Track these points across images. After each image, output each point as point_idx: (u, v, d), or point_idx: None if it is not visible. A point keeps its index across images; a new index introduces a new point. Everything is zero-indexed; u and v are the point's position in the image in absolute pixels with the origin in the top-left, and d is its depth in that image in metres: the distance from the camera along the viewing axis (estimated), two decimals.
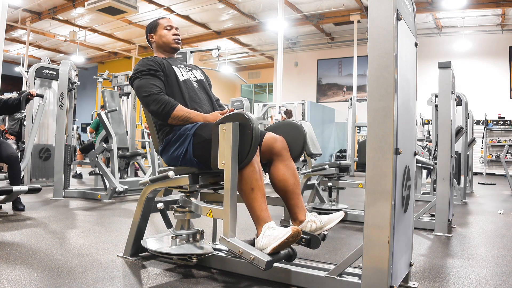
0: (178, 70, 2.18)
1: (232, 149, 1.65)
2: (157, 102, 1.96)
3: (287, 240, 1.59)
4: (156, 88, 2.00)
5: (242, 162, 1.69)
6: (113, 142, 4.57)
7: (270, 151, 1.88)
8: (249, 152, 1.68)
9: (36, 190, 3.24)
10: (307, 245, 1.79)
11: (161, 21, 2.28)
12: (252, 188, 1.71)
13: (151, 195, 2.05)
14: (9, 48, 14.81)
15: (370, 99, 1.46)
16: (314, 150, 4.10)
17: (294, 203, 1.87)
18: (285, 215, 1.98)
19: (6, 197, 3.21)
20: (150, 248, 1.93)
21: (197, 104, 2.09)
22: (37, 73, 5.62)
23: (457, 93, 4.61)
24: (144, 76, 2.04)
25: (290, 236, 1.59)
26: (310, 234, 1.80)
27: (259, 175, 1.72)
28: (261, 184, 1.72)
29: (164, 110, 1.95)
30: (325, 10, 11.13)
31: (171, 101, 1.97)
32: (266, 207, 1.72)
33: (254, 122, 1.68)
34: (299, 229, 1.65)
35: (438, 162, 2.98)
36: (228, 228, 1.66)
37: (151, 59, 2.12)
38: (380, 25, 1.45)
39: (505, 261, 2.27)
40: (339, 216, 1.87)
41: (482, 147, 11.62)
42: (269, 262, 1.57)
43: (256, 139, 1.68)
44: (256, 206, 1.70)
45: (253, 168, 1.71)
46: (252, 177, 1.71)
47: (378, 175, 1.43)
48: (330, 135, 12.97)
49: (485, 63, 11.88)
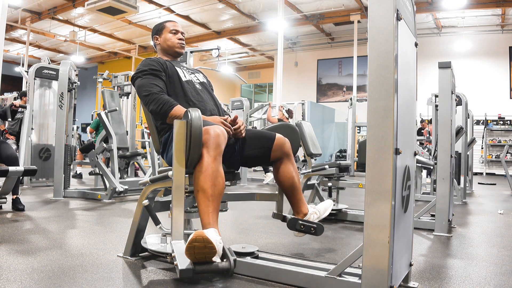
0: (181, 71, 2.18)
1: (175, 148, 1.64)
2: (156, 102, 1.96)
3: (190, 245, 1.47)
4: (156, 87, 2.01)
5: (187, 162, 1.66)
6: (113, 142, 4.57)
7: (282, 151, 2.04)
8: (190, 151, 1.64)
9: (32, 171, 3.26)
10: (315, 233, 2.02)
11: (167, 24, 2.28)
12: (197, 190, 1.66)
13: (151, 195, 2.05)
14: (9, 48, 14.81)
15: (370, 99, 1.46)
16: (314, 150, 4.10)
17: (299, 198, 2.09)
18: (277, 209, 2.14)
19: (4, 184, 3.20)
20: (150, 248, 1.93)
21: (201, 103, 2.09)
22: (37, 73, 5.63)
23: (457, 93, 4.61)
24: (146, 75, 2.05)
25: (192, 241, 1.47)
26: (316, 223, 2.03)
27: (207, 177, 1.64)
28: (206, 186, 1.64)
29: (162, 109, 1.95)
30: (325, 10, 11.14)
31: (170, 101, 1.97)
32: (210, 210, 1.63)
33: (194, 120, 1.64)
34: (202, 233, 1.50)
35: (438, 162, 2.98)
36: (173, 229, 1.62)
37: (154, 59, 2.13)
38: (380, 25, 1.45)
39: (505, 261, 2.27)
40: (330, 204, 2.20)
41: (482, 147, 11.62)
42: (184, 270, 1.48)
43: (195, 138, 1.63)
44: (199, 209, 1.65)
45: (199, 169, 1.67)
46: (197, 177, 1.67)
47: (378, 175, 1.43)
48: (330, 135, 12.97)
49: (485, 63, 11.89)
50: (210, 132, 1.70)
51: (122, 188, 4.29)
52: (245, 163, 2.16)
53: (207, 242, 1.48)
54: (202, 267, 1.51)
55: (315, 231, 2.01)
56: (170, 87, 2.08)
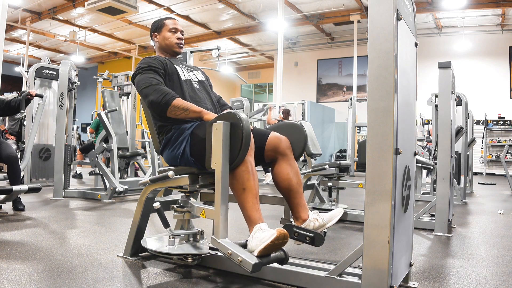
0: (180, 70, 2.18)
1: (223, 149, 1.65)
2: (157, 92, 1.94)
3: (272, 242, 1.56)
4: (156, 80, 2.00)
5: (234, 162, 1.68)
6: (113, 142, 4.57)
7: (275, 150, 1.93)
8: (240, 151, 1.66)
9: (36, 189, 3.23)
10: (311, 242, 1.81)
11: (166, 22, 2.25)
12: (243, 188, 1.69)
13: (151, 195, 2.05)
14: (9, 48, 14.81)
15: (370, 99, 1.46)
16: (314, 150, 4.10)
17: (297, 202, 1.91)
18: (285, 214, 1.99)
19: (6, 196, 3.21)
20: (150, 248, 1.93)
21: (198, 104, 2.09)
22: (37, 73, 5.62)
23: (457, 93, 4.61)
24: (145, 71, 2.04)
25: (276, 239, 1.55)
26: (313, 232, 1.82)
27: (251, 176, 1.70)
28: (252, 184, 1.70)
29: (163, 100, 1.92)
30: (325, 10, 11.13)
31: (172, 92, 1.96)
32: (258, 207, 1.69)
33: (244, 122, 1.67)
34: (285, 231, 1.59)
35: (438, 162, 2.98)
36: (219, 228, 1.65)
37: (154, 57, 2.13)
38: (380, 25, 1.45)
39: (505, 261, 2.27)
40: (339, 213, 1.93)
41: (482, 147, 11.61)
42: (255, 264, 1.54)
43: (246, 138, 1.66)
44: (247, 206, 1.69)
45: (245, 168, 1.70)
46: (243, 177, 1.69)
47: (378, 175, 1.43)
48: (330, 135, 12.97)
49: (485, 63, 11.88)
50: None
51: (122, 188, 4.29)
52: None
53: (286, 238, 1.59)
54: (267, 259, 1.61)
55: (312, 240, 1.81)
56: (169, 85, 2.07)
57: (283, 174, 1.91)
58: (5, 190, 3.05)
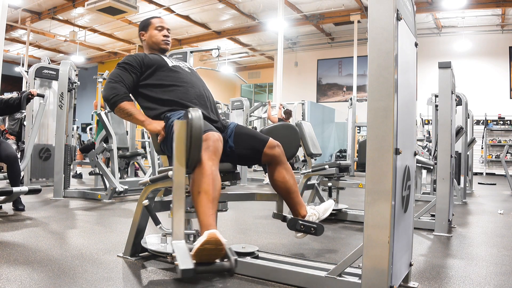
0: (168, 60, 2.22)
1: (176, 148, 1.62)
2: (111, 89, 2.01)
3: (202, 247, 1.46)
4: (119, 78, 2.05)
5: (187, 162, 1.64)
6: (113, 142, 4.57)
7: (272, 156, 2.05)
8: (189, 153, 1.62)
9: (36, 191, 3.24)
10: (315, 233, 2.03)
11: (153, 21, 2.30)
12: (198, 192, 1.64)
13: (151, 195, 2.05)
14: (9, 48, 14.81)
15: (370, 99, 1.46)
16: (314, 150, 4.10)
17: (296, 201, 2.08)
18: (277, 208, 2.13)
19: (6, 197, 3.21)
20: (150, 248, 1.93)
21: (188, 84, 2.12)
22: (37, 73, 5.62)
23: (457, 93, 4.61)
24: (119, 67, 2.10)
25: (205, 242, 1.46)
26: (315, 223, 2.04)
27: (208, 179, 1.64)
28: (208, 188, 1.63)
29: (113, 99, 2.00)
30: (325, 10, 11.13)
31: (124, 94, 2.01)
32: (211, 212, 1.62)
33: (194, 121, 1.61)
34: (217, 236, 1.49)
35: (438, 162, 2.98)
36: (173, 229, 1.61)
37: (137, 55, 2.16)
38: (380, 25, 1.45)
39: (505, 261, 2.27)
40: (331, 204, 2.19)
41: (482, 147, 11.61)
42: (185, 270, 1.43)
43: (195, 139, 1.61)
44: (200, 210, 1.62)
45: (201, 171, 1.65)
46: (199, 179, 1.65)
47: (378, 175, 1.43)
48: (330, 135, 12.97)
49: (485, 63, 11.88)
50: (210, 137, 1.73)
51: (122, 188, 4.29)
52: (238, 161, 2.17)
53: (219, 244, 1.49)
54: (204, 267, 1.50)
55: (315, 231, 2.02)
56: (161, 74, 2.11)
57: (280, 177, 2.06)
58: (5, 192, 3.05)
